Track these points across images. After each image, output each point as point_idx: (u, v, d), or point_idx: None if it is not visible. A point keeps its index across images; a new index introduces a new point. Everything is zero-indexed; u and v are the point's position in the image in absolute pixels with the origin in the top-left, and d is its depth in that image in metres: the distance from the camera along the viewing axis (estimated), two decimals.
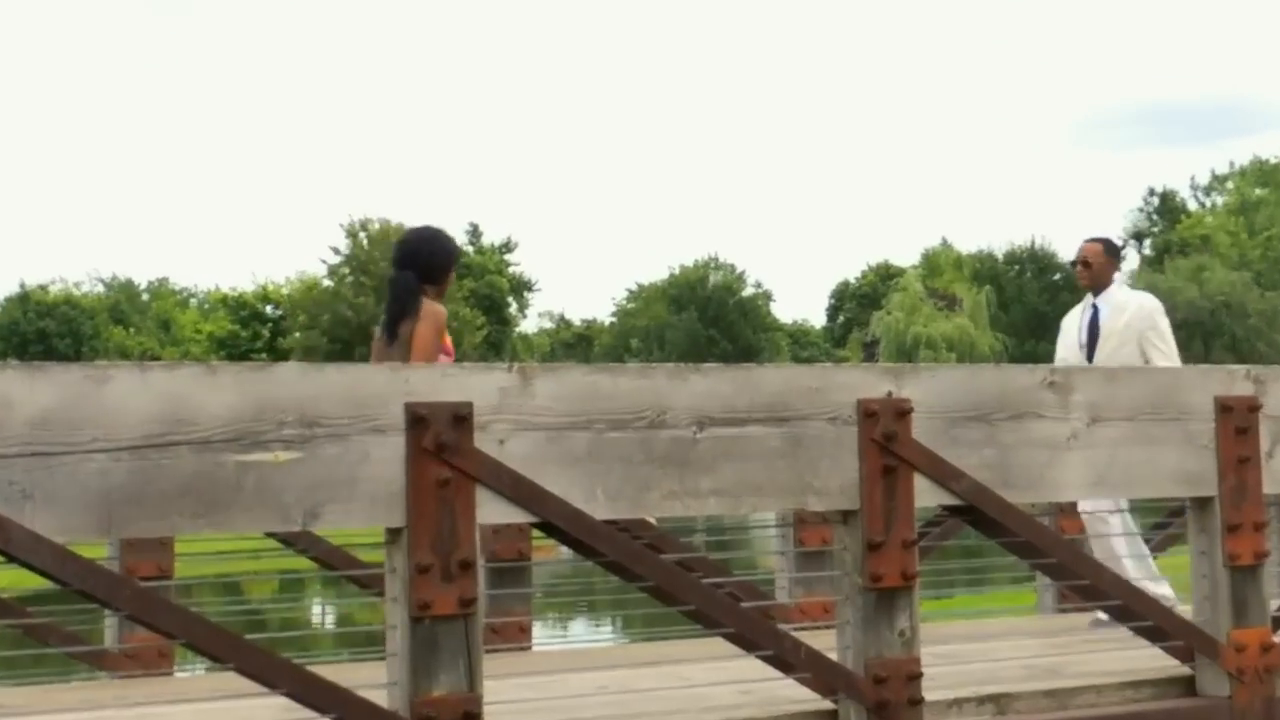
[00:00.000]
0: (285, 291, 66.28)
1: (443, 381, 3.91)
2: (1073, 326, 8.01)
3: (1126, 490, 5.05)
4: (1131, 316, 7.79)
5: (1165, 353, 7.69)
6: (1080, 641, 6.36)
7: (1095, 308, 7.96)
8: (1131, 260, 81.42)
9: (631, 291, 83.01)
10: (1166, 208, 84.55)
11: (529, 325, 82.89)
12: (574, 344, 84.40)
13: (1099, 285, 7.98)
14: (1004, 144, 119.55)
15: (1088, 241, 8.15)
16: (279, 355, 59.46)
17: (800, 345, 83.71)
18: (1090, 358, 7.76)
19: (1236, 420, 5.07)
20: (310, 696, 3.72)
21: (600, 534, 4.08)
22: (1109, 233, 8.65)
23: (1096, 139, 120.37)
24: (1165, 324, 7.89)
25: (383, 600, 4.01)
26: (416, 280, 6.73)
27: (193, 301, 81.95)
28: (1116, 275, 8.04)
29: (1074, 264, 8.14)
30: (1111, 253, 8.03)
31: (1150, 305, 7.89)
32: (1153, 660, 5.21)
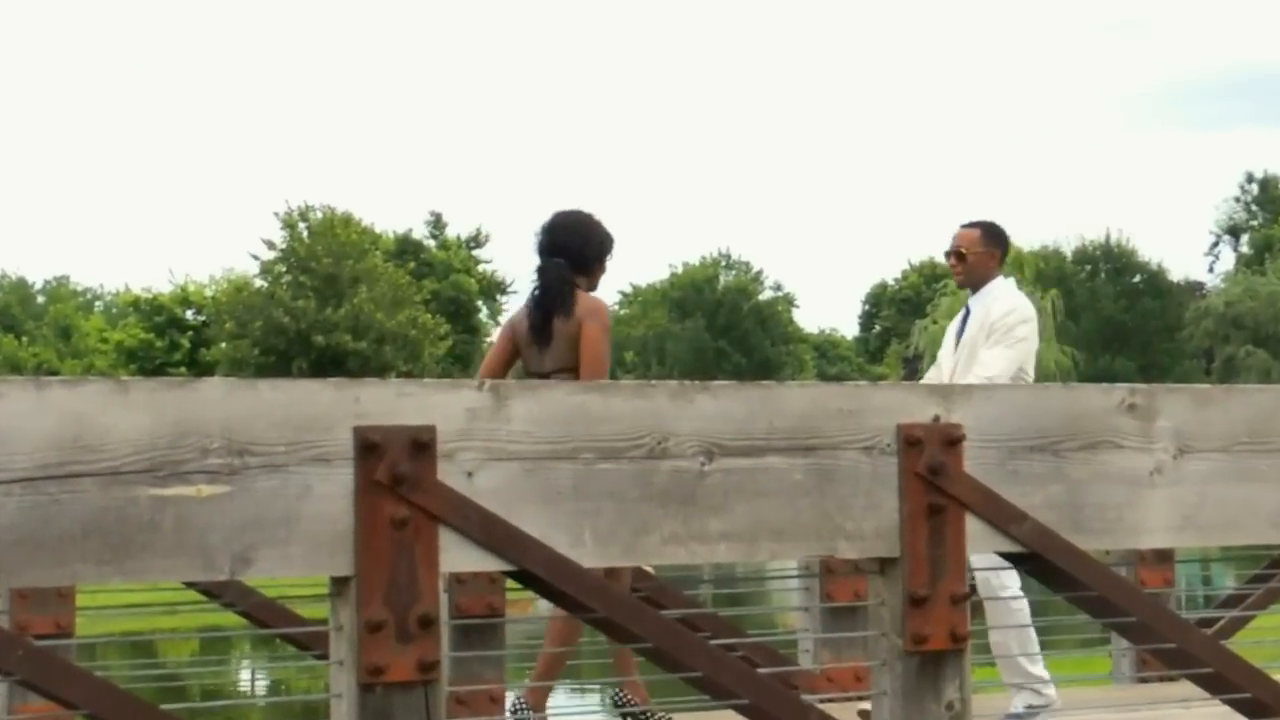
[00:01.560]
0: (209, 293, 66.21)
1: (399, 401, 3.91)
2: (951, 336, 7.71)
3: (1221, 535, 5.05)
4: (987, 319, 7.41)
5: (986, 362, 7.22)
6: (1164, 716, 6.36)
7: (968, 310, 7.64)
8: (1226, 259, 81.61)
9: (625, 295, 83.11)
10: (1268, 197, 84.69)
11: None
12: None
13: (976, 282, 7.61)
14: (1070, 122, 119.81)
15: (963, 227, 7.74)
16: (202, 369, 59.43)
17: (828, 359, 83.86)
18: None
19: None
20: None
21: (588, 585, 4.07)
22: (992, 217, 7.69)
23: (1181, 115, 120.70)
24: (1022, 334, 7.38)
25: (325, 664, 4.00)
26: (569, 269, 6.98)
27: (98, 305, 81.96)
28: (999, 271, 7.62)
29: (947, 255, 7.74)
30: (992, 241, 7.65)
31: (1009, 306, 7.45)
32: None
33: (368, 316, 57.08)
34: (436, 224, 76.15)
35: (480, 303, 74.14)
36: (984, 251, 7.58)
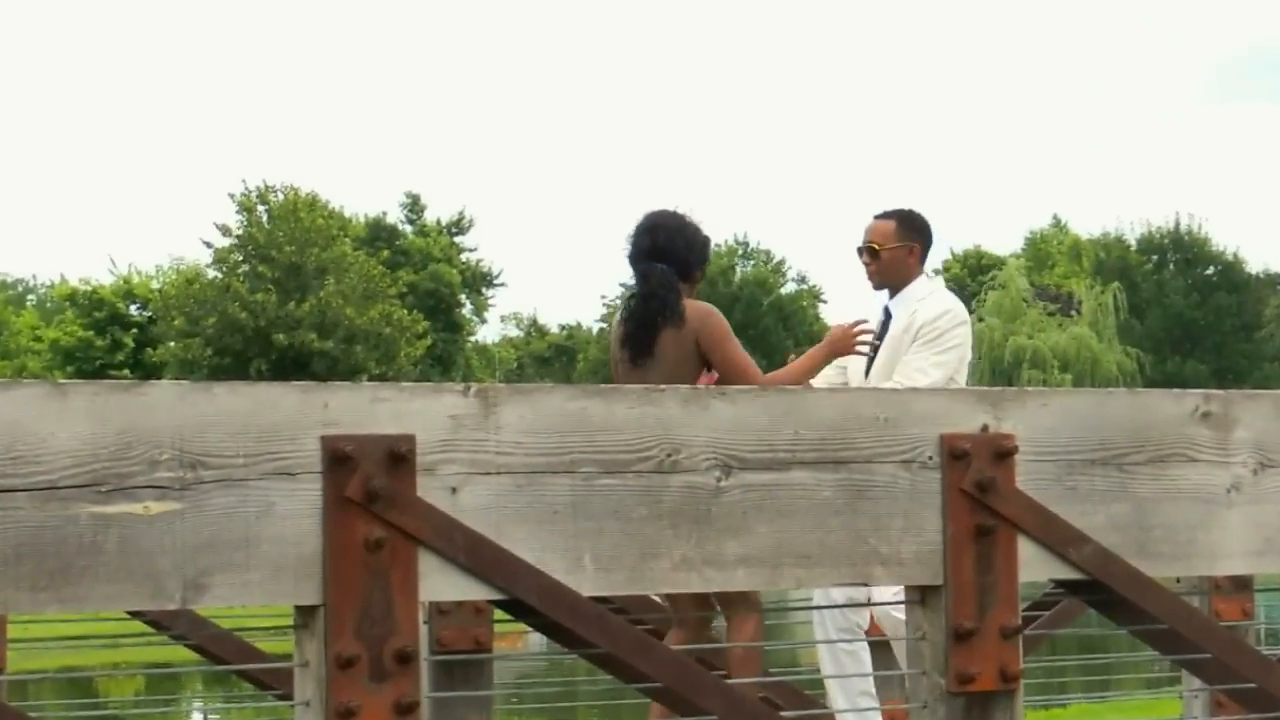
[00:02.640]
0: (155, 285, 66.38)
1: (373, 407, 3.92)
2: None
3: None
4: (913, 321, 7.36)
5: (915, 371, 7.19)
6: None
7: (888, 313, 7.55)
8: None
9: (627, 288, 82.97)
10: None
11: (489, 333, 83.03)
12: (551, 358, 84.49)
13: (894, 283, 7.52)
14: (1134, 93, 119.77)
15: (876, 218, 7.65)
16: (148, 371, 59.54)
17: None
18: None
19: None
20: None
21: (587, 616, 4.07)
22: (910, 206, 7.85)
23: (1261, 86, 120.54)
24: (956, 340, 7.36)
25: (289, 705, 4.00)
26: (676, 276, 7.23)
27: (30, 299, 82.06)
28: (920, 269, 7.53)
29: (859, 251, 7.66)
30: (910, 233, 7.55)
31: (942, 308, 7.41)
32: None
33: (336, 312, 57.16)
34: (414, 207, 76.28)
35: (463, 296, 74.28)
36: (900, 246, 7.48)
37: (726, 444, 4.22)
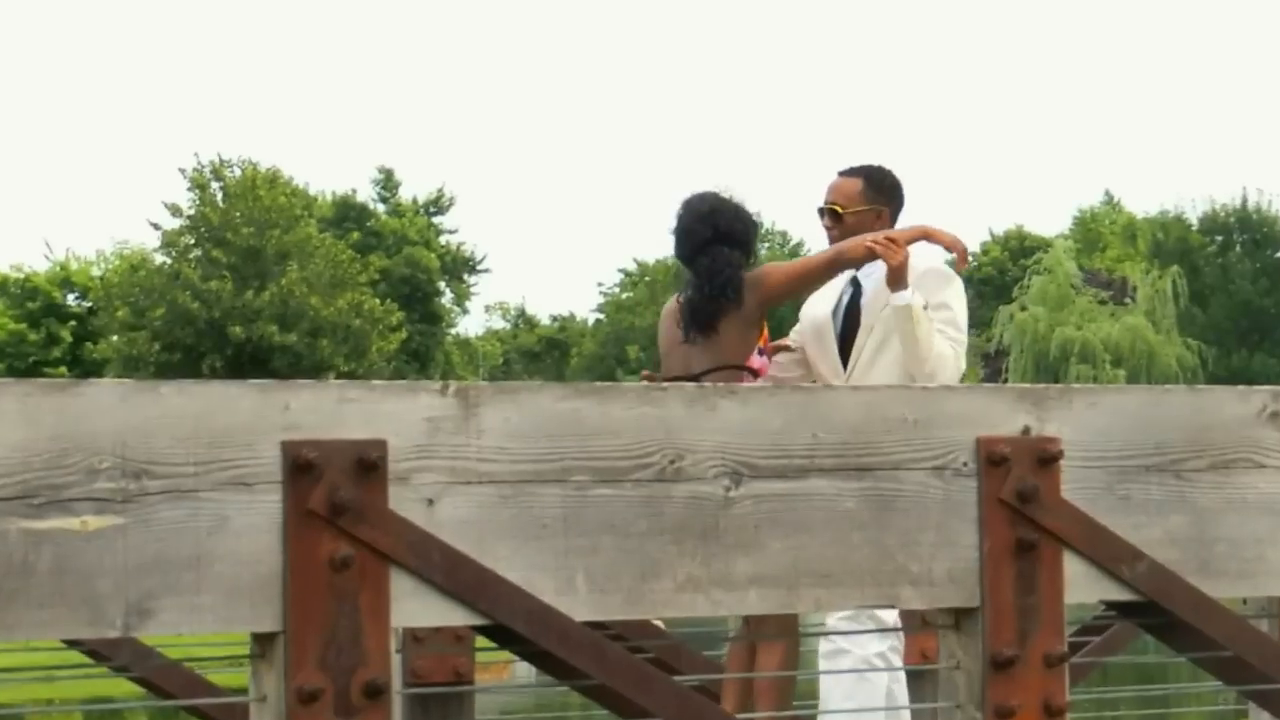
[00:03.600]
0: (96, 273, 66.43)
1: (340, 408, 3.92)
2: (820, 315, 7.69)
3: None
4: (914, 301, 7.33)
5: (958, 355, 7.35)
6: None
7: (856, 284, 7.61)
8: None
9: (629, 274, 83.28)
10: None
11: (471, 324, 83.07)
12: (540, 353, 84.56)
13: None
14: (1193, 56, 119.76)
15: (840, 175, 7.71)
16: (87, 369, 59.60)
17: None
18: (846, 366, 7.46)
19: None
20: None
21: (580, 644, 4.08)
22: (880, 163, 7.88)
23: None
24: (959, 306, 7.51)
25: None
26: (742, 257, 7.55)
27: None
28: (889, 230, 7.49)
29: (820, 212, 7.71)
30: (878, 194, 7.61)
31: (933, 271, 7.49)
32: None
33: (299, 301, 57.19)
34: (387, 184, 76.34)
35: (442, 284, 74.33)
36: (866, 210, 7.53)
37: (736, 449, 4.22)
